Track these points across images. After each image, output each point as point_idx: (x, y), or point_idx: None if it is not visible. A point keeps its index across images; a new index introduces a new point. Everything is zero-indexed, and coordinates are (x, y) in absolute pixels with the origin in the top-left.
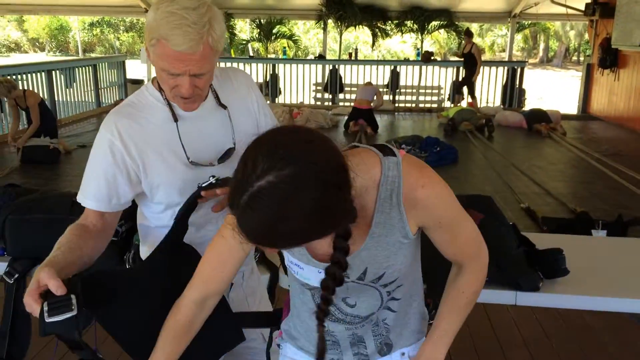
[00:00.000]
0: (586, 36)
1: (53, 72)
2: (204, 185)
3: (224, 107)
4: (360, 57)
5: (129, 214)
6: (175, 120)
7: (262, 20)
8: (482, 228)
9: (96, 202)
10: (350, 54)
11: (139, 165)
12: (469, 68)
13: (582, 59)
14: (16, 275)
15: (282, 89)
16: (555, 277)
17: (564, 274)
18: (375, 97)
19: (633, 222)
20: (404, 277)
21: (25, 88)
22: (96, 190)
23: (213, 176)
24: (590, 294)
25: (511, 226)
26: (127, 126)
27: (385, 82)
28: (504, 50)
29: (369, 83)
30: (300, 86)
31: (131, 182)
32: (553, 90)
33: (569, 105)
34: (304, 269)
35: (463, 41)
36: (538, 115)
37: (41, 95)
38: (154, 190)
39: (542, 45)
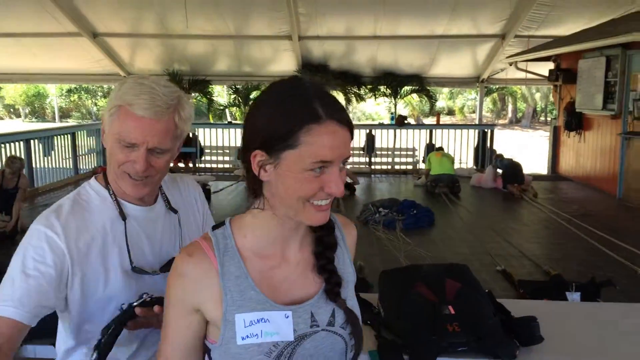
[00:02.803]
0: (551, 98)
1: (31, 141)
2: (135, 303)
3: (175, 211)
4: None
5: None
6: (124, 218)
7: (238, 87)
8: (460, 297)
9: (21, 309)
10: None
11: (75, 272)
12: None
13: (549, 118)
14: None
15: None
16: (531, 345)
17: (539, 341)
18: (349, 179)
19: (605, 284)
20: None
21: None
22: (25, 295)
23: (146, 293)
24: None
25: (487, 294)
26: (70, 223)
27: (362, 145)
28: (474, 112)
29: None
30: None
31: (60, 286)
32: (523, 150)
33: (539, 164)
34: (269, 321)
35: None
36: (512, 174)
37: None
38: (75, 301)
39: (510, 107)
